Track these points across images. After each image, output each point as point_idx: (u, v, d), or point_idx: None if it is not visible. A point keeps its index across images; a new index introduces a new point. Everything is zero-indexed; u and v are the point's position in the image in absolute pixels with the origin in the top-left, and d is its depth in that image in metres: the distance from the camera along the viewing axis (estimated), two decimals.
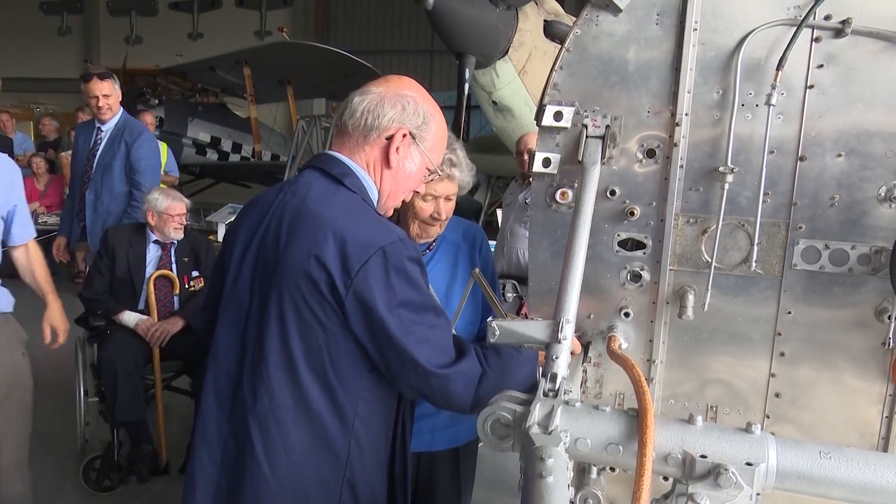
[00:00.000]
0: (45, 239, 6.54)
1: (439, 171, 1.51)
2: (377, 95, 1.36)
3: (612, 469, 1.68)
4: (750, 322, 1.56)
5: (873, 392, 1.51)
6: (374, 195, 1.39)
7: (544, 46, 5.37)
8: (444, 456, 1.95)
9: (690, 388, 1.63)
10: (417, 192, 1.77)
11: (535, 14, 5.38)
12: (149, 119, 7.35)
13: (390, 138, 1.37)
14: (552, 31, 5.30)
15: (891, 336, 1.44)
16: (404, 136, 1.37)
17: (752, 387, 1.57)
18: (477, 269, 1.83)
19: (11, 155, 5.18)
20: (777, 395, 1.57)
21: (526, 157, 4.48)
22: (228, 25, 15.88)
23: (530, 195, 4.87)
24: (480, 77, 5.44)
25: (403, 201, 1.79)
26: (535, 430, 1.06)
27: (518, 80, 5.47)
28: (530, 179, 5.01)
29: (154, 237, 3.51)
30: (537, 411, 1.09)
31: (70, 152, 7.61)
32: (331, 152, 1.39)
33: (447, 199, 1.83)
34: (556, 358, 1.22)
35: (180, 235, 3.55)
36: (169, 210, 3.48)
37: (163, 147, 6.69)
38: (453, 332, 1.41)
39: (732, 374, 1.59)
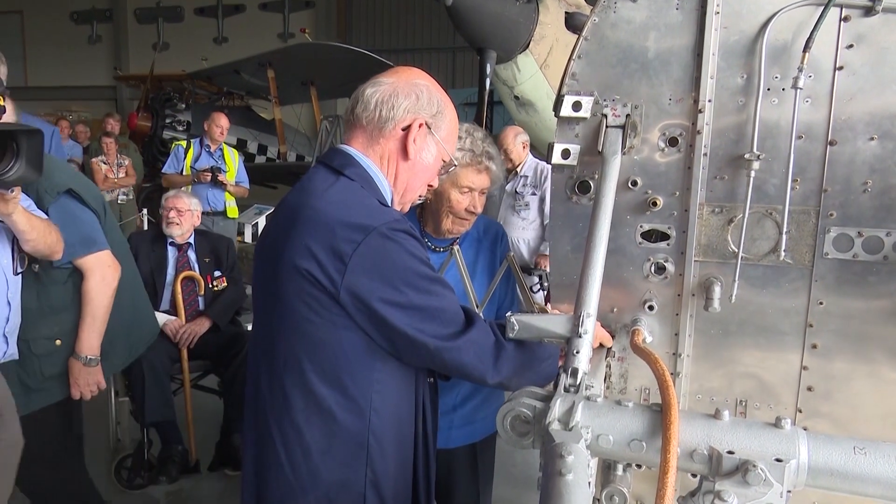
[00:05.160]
0: None
1: (455, 163, 1.48)
2: (390, 86, 1.33)
3: (639, 466, 1.65)
4: (780, 313, 1.51)
5: None
6: (383, 188, 1.35)
7: (566, 39, 5.30)
8: (462, 453, 1.93)
9: (718, 382, 1.58)
10: (455, 185, 1.76)
11: (556, 6, 5.31)
12: (223, 122, 6.37)
13: (406, 129, 1.33)
14: (574, 23, 5.23)
15: None
16: (420, 126, 1.34)
17: (784, 380, 1.52)
18: (511, 253, 1.80)
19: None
20: (809, 389, 1.51)
21: (519, 146, 4.61)
22: (252, 29, 16.06)
23: (518, 184, 4.82)
24: (502, 72, 5.40)
25: (437, 195, 1.78)
26: (555, 427, 1.04)
27: (540, 74, 5.42)
28: (517, 170, 4.96)
29: (169, 239, 3.54)
30: (557, 407, 1.06)
31: (101, 157, 7.80)
32: (340, 146, 1.36)
33: (482, 192, 1.81)
34: (578, 353, 1.19)
35: (178, 231, 3.52)
36: (165, 203, 3.48)
37: (234, 154, 6.53)
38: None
39: (762, 367, 1.54)
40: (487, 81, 5.19)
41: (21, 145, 1.78)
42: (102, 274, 2.30)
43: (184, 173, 6.19)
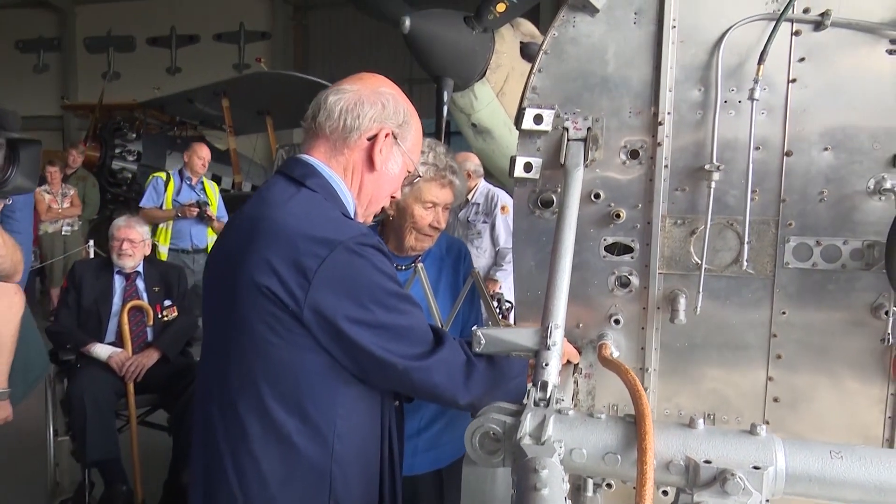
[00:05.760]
0: None
1: (419, 174, 1.44)
2: (354, 94, 1.28)
3: (609, 485, 1.61)
4: (744, 324, 1.50)
5: (874, 393, 1.46)
6: (346, 199, 1.29)
7: (521, 68, 5.38)
8: (427, 479, 1.85)
9: (686, 395, 1.57)
10: (418, 201, 1.72)
11: (511, 36, 5.40)
12: (205, 153, 5.99)
13: (372, 139, 1.29)
14: (529, 53, 5.32)
15: (889, 332, 1.39)
16: (387, 135, 1.29)
17: (750, 392, 1.51)
18: (475, 269, 1.77)
19: None
20: (776, 400, 1.51)
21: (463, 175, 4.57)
22: (207, 60, 15.88)
23: (471, 212, 4.83)
24: (459, 99, 5.44)
25: (400, 211, 1.73)
26: (526, 441, 0.99)
27: (496, 102, 5.47)
28: (467, 198, 4.97)
29: (117, 268, 3.40)
30: (528, 421, 1.02)
31: (45, 187, 7.51)
32: (300, 156, 1.31)
33: (445, 207, 1.78)
34: (546, 365, 1.16)
35: (130, 263, 3.40)
36: (116, 234, 3.37)
37: (214, 187, 6.09)
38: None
39: (729, 379, 1.53)
40: (445, 109, 5.23)
41: (19, 154, 1.67)
42: (10, 302, 2.15)
43: (164, 208, 5.71)
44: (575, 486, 1.63)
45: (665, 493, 1.35)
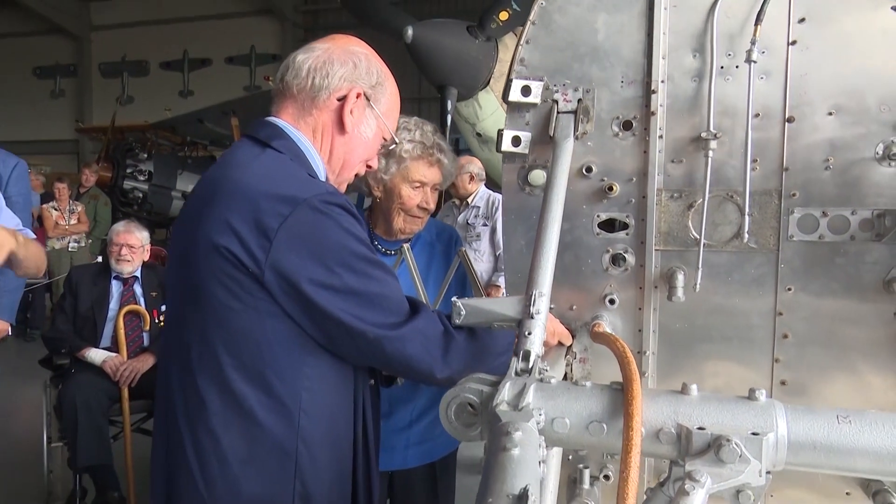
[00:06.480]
0: (25, 292, 6.39)
1: (396, 139, 1.38)
2: (324, 52, 1.23)
3: (607, 477, 1.51)
4: (747, 302, 1.41)
5: (889, 373, 1.36)
6: (315, 163, 1.23)
7: None
8: (420, 473, 1.76)
9: (687, 379, 1.45)
10: (405, 180, 1.66)
11: (514, 45, 5.39)
12: None
13: (342, 100, 1.23)
14: None
15: None
16: (358, 96, 1.23)
17: (756, 375, 1.42)
18: (463, 248, 1.70)
19: None
20: (783, 383, 1.41)
21: (465, 177, 4.59)
22: (218, 82, 16.09)
23: (470, 215, 4.80)
24: (463, 109, 5.42)
25: (388, 192, 1.66)
26: (503, 408, 0.91)
27: (501, 111, 5.44)
28: (467, 201, 4.97)
29: (114, 273, 3.36)
30: (507, 389, 0.94)
31: (52, 203, 7.56)
32: (267, 118, 1.25)
33: (434, 188, 1.72)
34: (529, 334, 1.08)
35: (128, 268, 3.38)
36: (115, 239, 3.34)
37: None
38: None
39: (732, 361, 1.44)
40: (449, 118, 5.20)
41: None
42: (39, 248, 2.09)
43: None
44: (571, 478, 1.53)
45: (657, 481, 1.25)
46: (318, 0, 15.85)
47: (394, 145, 1.37)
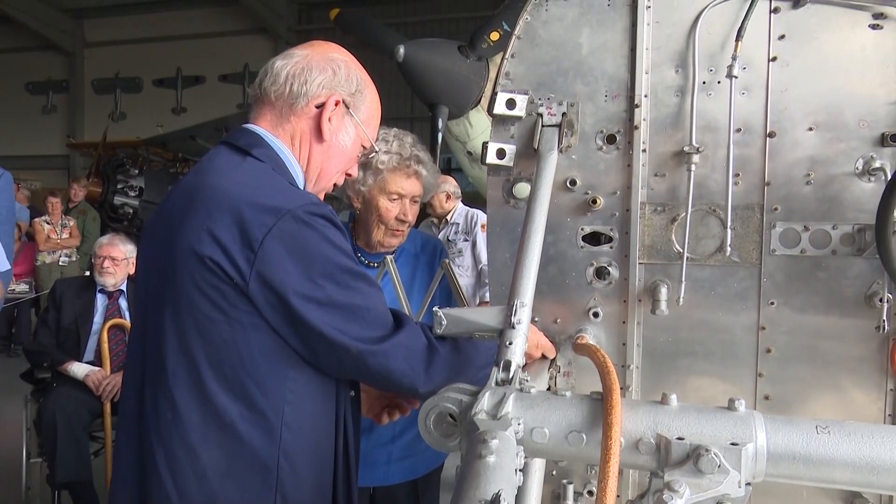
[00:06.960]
0: (10, 306, 6.32)
1: (376, 148, 1.38)
2: (303, 59, 1.22)
3: (591, 493, 1.49)
4: (731, 316, 1.41)
5: (871, 387, 1.36)
6: (295, 171, 1.22)
7: None
8: (402, 490, 1.73)
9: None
10: (383, 192, 1.66)
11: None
12: None
13: (321, 107, 1.22)
14: None
15: (884, 319, 1.30)
16: (337, 103, 1.22)
17: (739, 389, 1.41)
18: (446, 260, 1.69)
19: None
20: (766, 398, 1.41)
21: (442, 196, 4.64)
22: (211, 100, 16.12)
23: (450, 232, 4.81)
24: (454, 127, 5.45)
25: (366, 204, 1.66)
26: (481, 417, 0.90)
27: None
28: (446, 219, 4.98)
29: (99, 286, 3.34)
30: (486, 399, 0.93)
31: (44, 217, 7.51)
32: (246, 125, 1.24)
33: (413, 200, 1.71)
34: (510, 344, 1.07)
35: (111, 280, 3.36)
36: (99, 251, 3.31)
37: None
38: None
39: (715, 376, 1.43)
40: (440, 136, 5.23)
41: None
42: None
43: None
44: (555, 494, 1.52)
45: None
46: (312, 19, 15.95)
47: (373, 154, 1.37)
